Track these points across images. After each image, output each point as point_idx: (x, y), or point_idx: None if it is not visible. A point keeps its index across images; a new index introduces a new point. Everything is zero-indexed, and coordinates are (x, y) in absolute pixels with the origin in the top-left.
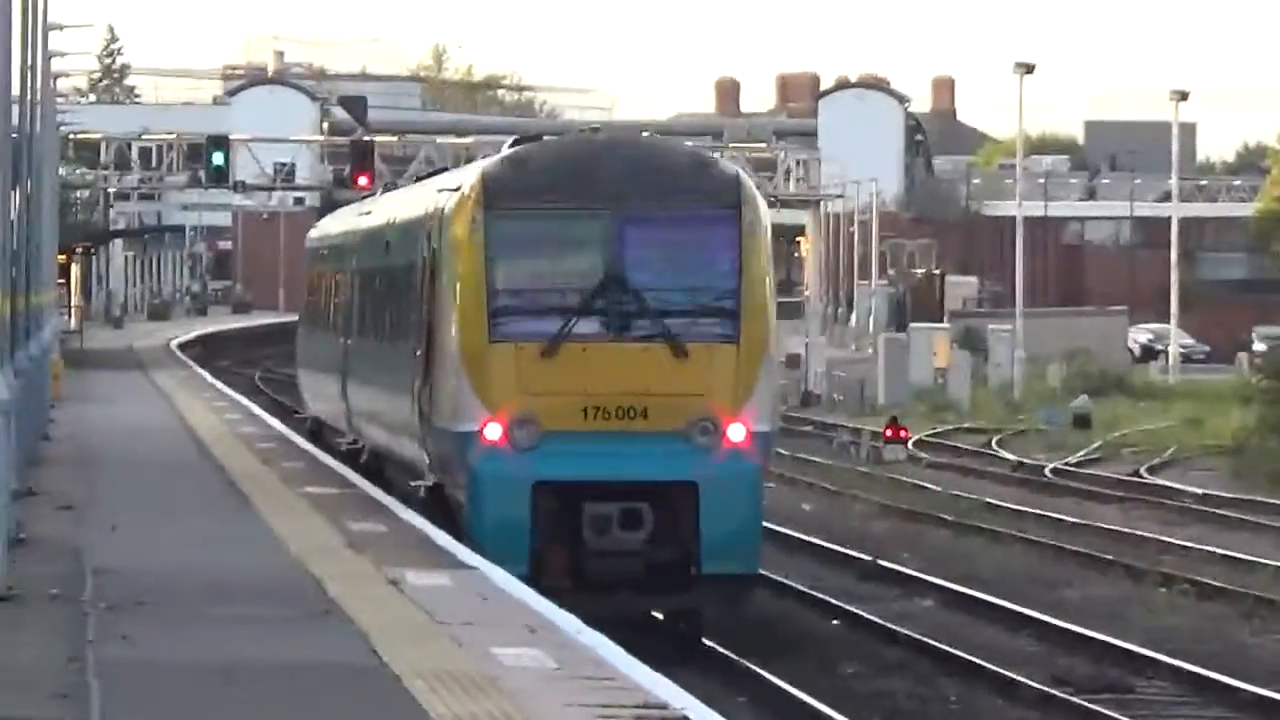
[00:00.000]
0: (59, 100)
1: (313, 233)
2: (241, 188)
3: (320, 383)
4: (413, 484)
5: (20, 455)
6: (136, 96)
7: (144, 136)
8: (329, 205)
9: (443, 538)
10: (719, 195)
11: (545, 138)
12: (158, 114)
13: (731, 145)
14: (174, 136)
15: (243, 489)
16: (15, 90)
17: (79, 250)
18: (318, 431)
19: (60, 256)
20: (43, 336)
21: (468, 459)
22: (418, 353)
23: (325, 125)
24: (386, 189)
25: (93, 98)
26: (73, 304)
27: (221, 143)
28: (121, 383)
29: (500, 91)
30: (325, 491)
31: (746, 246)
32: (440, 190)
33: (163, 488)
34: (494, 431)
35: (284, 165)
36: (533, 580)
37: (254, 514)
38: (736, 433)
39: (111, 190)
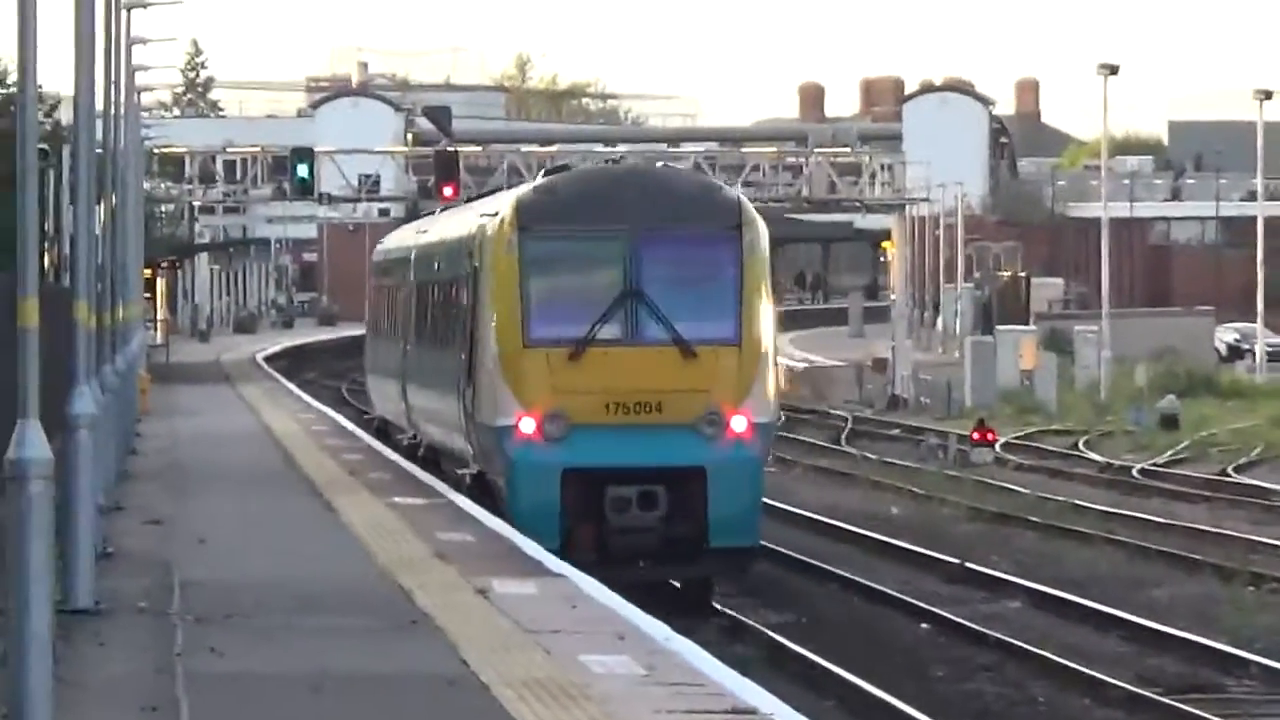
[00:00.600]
0: (143, 114)
1: (378, 249)
2: (326, 200)
3: (384, 385)
4: (459, 472)
5: (108, 470)
6: (220, 110)
7: (228, 150)
8: (414, 216)
9: (530, 546)
10: (723, 217)
11: (573, 167)
12: (242, 127)
13: (816, 151)
14: (258, 149)
15: (330, 500)
16: (100, 105)
17: (164, 264)
18: (384, 430)
19: (146, 270)
20: (129, 350)
21: (505, 449)
22: (462, 356)
23: (409, 136)
24: (446, 207)
25: (177, 112)
26: (159, 318)
27: (306, 155)
28: (208, 396)
29: (584, 100)
30: (412, 502)
31: (747, 262)
32: (482, 214)
33: (250, 500)
34: (528, 425)
35: (369, 177)
36: (564, 554)
37: (341, 525)
38: (739, 424)
39: (196, 204)
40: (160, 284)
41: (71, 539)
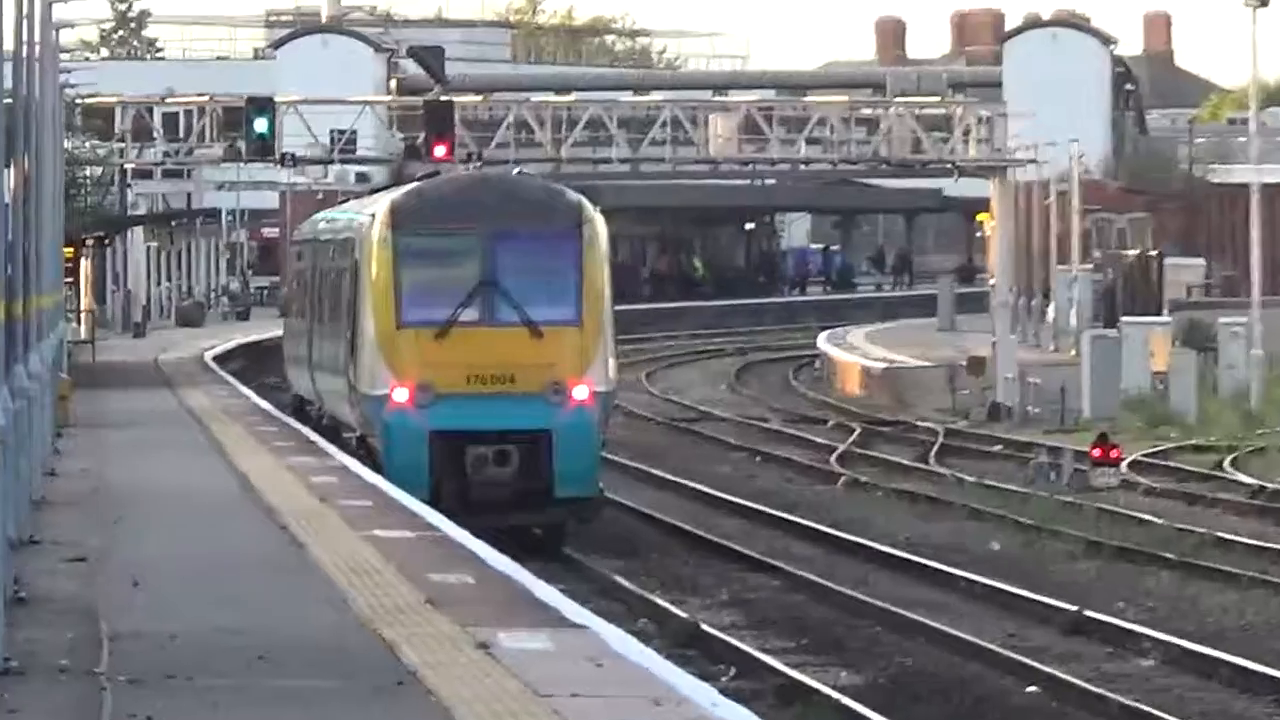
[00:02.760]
0: (63, 56)
1: (296, 232)
2: (290, 161)
3: (297, 364)
4: (345, 435)
5: (19, 496)
6: (159, 51)
7: (169, 100)
8: (399, 182)
9: (542, 589)
10: (565, 218)
11: (439, 174)
12: (185, 72)
13: (897, 101)
14: (206, 99)
15: (296, 533)
16: (8, 45)
17: (90, 242)
18: (299, 407)
19: (66, 250)
20: (45, 349)
21: (382, 415)
22: (347, 336)
23: (393, 83)
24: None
25: (105, 53)
26: (83, 308)
27: (265, 106)
28: (144, 404)
29: (609, 38)
30: (398, 535)
31: (586, 255)
32: (362, 213)
33: (196, 533)
34: (401, 394)
35: (342, 133)
36: (433, 505)
37: (309, 563)
38: (580, 392)
39: (129, 167)
40: (85, 266)
41: None
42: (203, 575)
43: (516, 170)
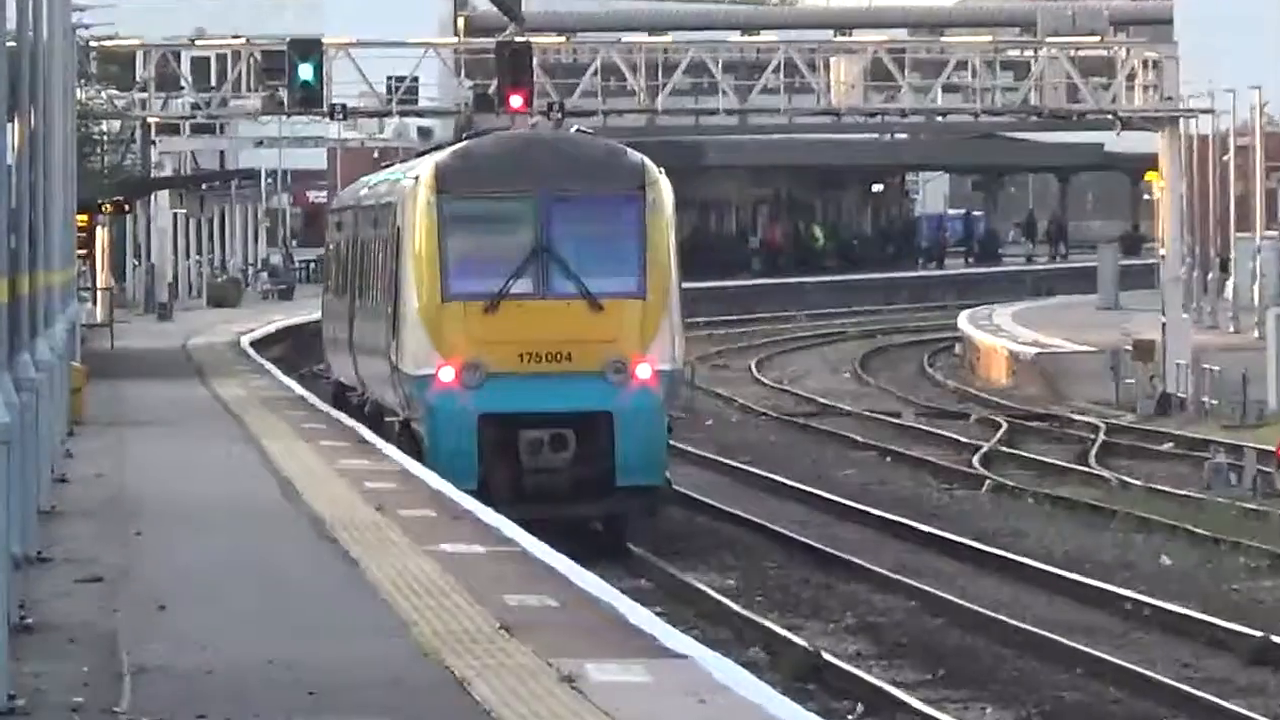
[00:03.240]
0: None
1: (335, 201)
2: (341, 114)
3: (336, 346)
4: (387, 419)
5: (26, 505)
6: None
7: (199, 42)
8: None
9: (637, 613)
10: (627, 179)
11: (490, 134)
12: (218, 10)
13: (1049, 41)
14: (242, 42)
15: (349, 548)
16: None
17: (107, 209)
18: (339, 394)
19: (80, 218)
20: (55, 334)
21: (426, 397)
22: (389, 311)
23: (461, 22)
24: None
25: None
26: (99, 286)
27: (311, 49)
28: (171, 398)
29: None
30: (467, 550)
31: (650, 221)
32: (406, 176)
33: (232, 549)
34: (447, 374)
35: (402, 81)
36: (480, 495)
37: (366, 584)
38: (644, 371)
39: (153, 121)
40: (101, 237)
41: None
42: (239, 598)
43: (574, 128)
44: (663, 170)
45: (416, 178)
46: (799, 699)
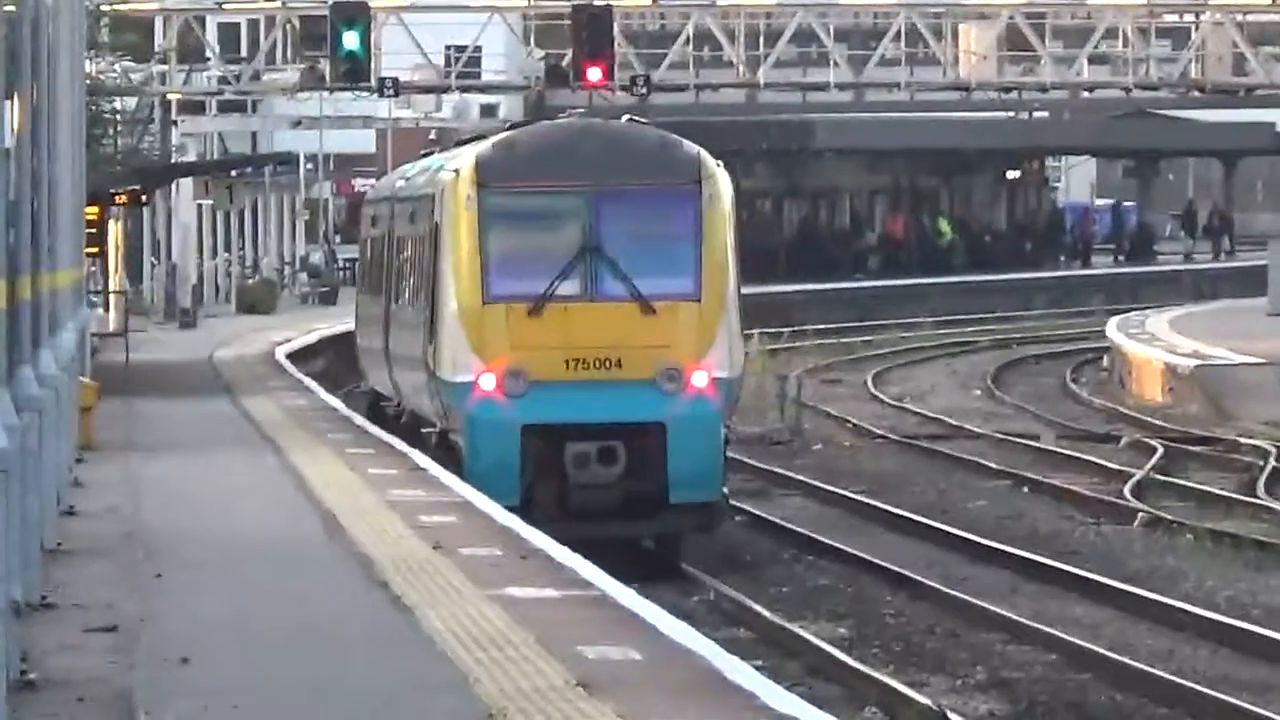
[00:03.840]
0: None
1: (369, 193)
2: (392, 89)
3: (371, 352)
4: (424, 430)
5: (28, 542)
6: None
7: (227, 6)
8: (538, 115)
9: (734, 666)
10: (682, 172)
11: (535, 123)
12: None
13: (1212, 3)
14: (278, 5)
15: (402, 592)
16: None
17: (121, 199)
18: (375, 406)
19: (90, 210)
20: (62, 344)
21: (465, 406)
22: (426, 313)
23: None
24: (425, 154)
25: None
26: (112, 289)
27: (357, 14)
28: (195, 418)
29: None
30: (538, 595)
31: (707, 217)
32: (445, 168)
33: (267, 594)
34: (488, 381)
35: (462, 51)
36: (524, 512)
37: (422, 635)
38: (699, 379)
39: (174, 98)
40: (114, 232)
41: None
42: (275, 651)
43: (625, 117)
44: (721, 164)
45: (456, 170)
46: None
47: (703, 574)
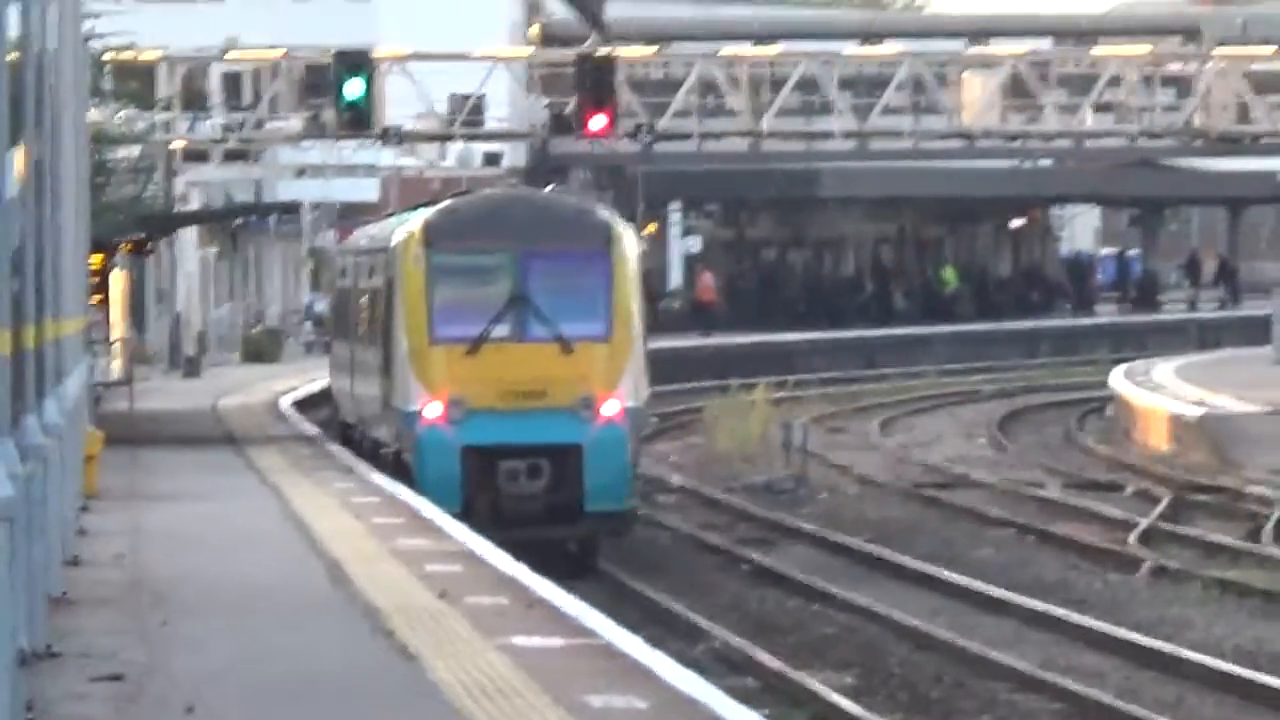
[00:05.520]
0: None
1: (342, 246)
2: (396, 138)
3: (340, 386)
4: (382, 451)
5: (32, 591)
6: None
7: (231, 54)
8: (541, 163)
9: (741, 716)
10: (595, 235)
11: (472, 193)
12: (253, 15)
13: (1215, 54)
14: (281, 54)
15: (406, 641)
16: None
17: (125, 248)
18: (344, 432)
19: (94, 258)
20: (66, 393)
21: (415, 430)
22: (382, 353)
23: (535, 31)
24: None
25: None
26: (116, 337)
27: (361, 63)
28: (199, 467)
29: None
30: (543, 643)
31: (616, 272)
32: (398, 230)
33: (271, 643)
34: (433, 410)
35: (466, 99)
36: (464, 519)
37: (427, 684)
38: (610, 407)
39: (178, 146)
40: (119, 281)
41: None
42: (280, 699)
43: (549, 187)
44: (632, 225)
45: (409, 232)
46: None
47: (707, 622)
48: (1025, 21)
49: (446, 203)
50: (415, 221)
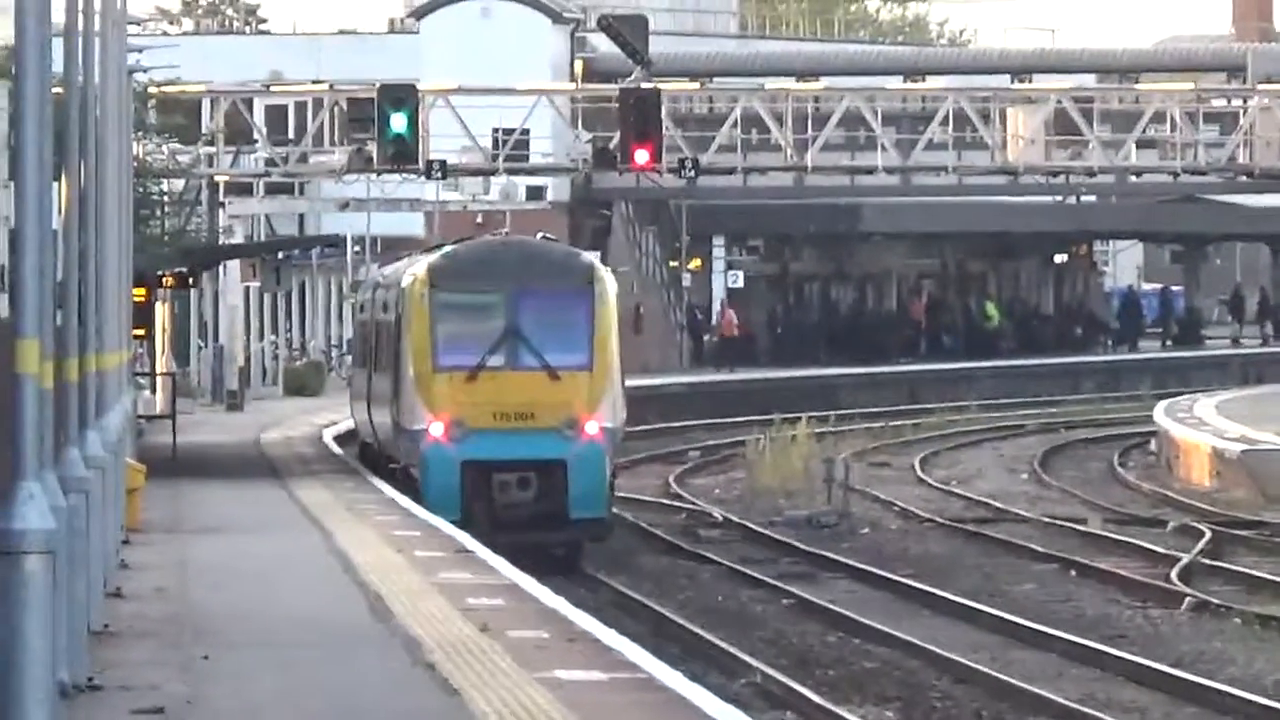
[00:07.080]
0: (132, 29)
1: (365, 283)
2: (439, 172)
3: (359, 409)
4: (391, 466)
5: (75, 623)
6: (261, 22)
7: (274, 88)
8: (584, 197)
9: None
10: (579, 277)
11: (471, 239)
12: (297, 50)
13: (1261, 87)
14: (325, 88)
15: (448, 674)
16: (58, 14)
17: (168, 281)
18: (363, 449)
19: (137, 292)
20: (109, 426)
21: (420, 447)
22: (393, 379)
23: (579, 66)
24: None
25: (189, 25)
26: (159, 370)
27: (405, 97)
28: (242, 501)
29: (872, 4)
30: (585, 677)
31: (597, 310)
32: (408, 272)
33: (313, 676)
34: (437, 429)
35: (510, 134)
36: (463, 525)
37: (469, 717)
38: (591, 428)
39: (222, 179)
40: (162, 314)
41: None
42: None
43: (539, 235)
44: (611, 270)
45: (415, 274)
46: None
47: (748, 656)
48: (1069, 57)
49: (449, 248)
50: (421, 264)
